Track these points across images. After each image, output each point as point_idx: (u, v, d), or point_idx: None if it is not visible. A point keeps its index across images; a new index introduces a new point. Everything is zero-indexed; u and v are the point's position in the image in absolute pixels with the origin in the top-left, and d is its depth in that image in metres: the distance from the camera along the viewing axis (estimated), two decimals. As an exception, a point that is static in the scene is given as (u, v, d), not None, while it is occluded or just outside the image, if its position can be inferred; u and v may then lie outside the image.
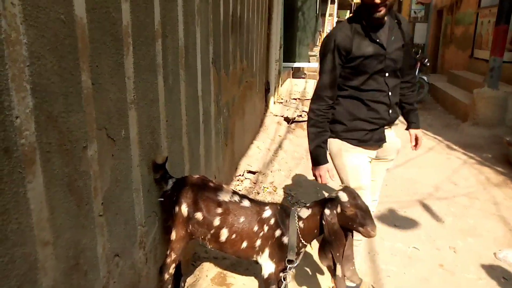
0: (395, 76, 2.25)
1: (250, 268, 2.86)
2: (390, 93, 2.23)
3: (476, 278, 3.05)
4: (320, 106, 2.25)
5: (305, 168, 5.00)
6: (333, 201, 1.94)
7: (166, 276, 2.25)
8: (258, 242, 2.13)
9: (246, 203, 2.19)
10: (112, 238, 1.78)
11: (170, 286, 2.28)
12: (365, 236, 1.88)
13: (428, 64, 10.44)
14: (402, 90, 2.44)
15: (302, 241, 2.08)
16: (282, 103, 7.34)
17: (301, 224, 2.07)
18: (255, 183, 4.40)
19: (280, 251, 2.10)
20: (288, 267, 2.08)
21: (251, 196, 2.36)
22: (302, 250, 2.15)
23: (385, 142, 2.32)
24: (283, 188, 4.50)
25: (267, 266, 2.16)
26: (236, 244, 2.15)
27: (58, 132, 1.37)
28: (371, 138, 2.27)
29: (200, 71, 2.91)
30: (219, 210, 2.15)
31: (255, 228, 2.13)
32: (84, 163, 1.53)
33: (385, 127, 2.33)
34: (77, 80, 1.46)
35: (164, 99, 2.26)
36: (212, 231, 2.16)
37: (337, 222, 1.95)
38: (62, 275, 1.42)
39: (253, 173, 4.52)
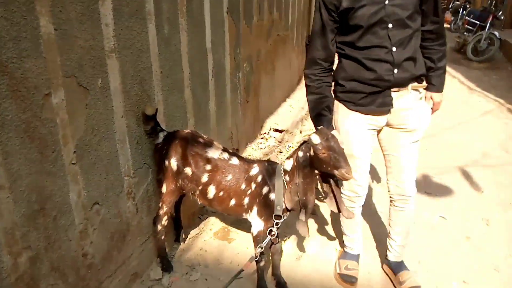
0: (403, 27, 1.82)
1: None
2: (394, 49, 1.83)
3: (506, 255, 2.75)
4: (314, 71, 1.97)
5: (338, 128, 4.76)
6: (306, 143, 1.81)
7: (159, 227, 2.29)
8: (246, 200, 2.06)
9: (234, 160, 2.11)
10: (90, 186, 1.80)
11: (163, 236, 2.32)
12: (341, 179, 1.75)
13: (502, 17, 9.23)
14: (425, 42, 1.99)
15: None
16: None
17: (287, 177, 1.96)
18: (280, 142, 4.29)
19: (268, 209, 2.02)
20: (275, 222, 2.00)
21: (239, 155, 2.26)
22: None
23: (391, 107, 1.95)
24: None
25: (256, 223, 2.10)
26: (224, 202, 2.11)
27: (9, 78, 1.36)
28: (371, 103, 1.96)
29: (209, 21, 2.77)
30: (208, 167, 2.09)
31: (243, 186, 2.06)
32: (47, 110, 1.52)
33: (394, 89, 1.94)
34: (32, 25, 1.42)
35: (157, 49, 2.19)
36: (200, 187, 2.12)
37: (308, 164, 1.81)
38: (22, 218, 1.47)
39: (280, 131, 4.39)
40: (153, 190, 2.30)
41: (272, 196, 2.00)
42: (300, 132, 4.61)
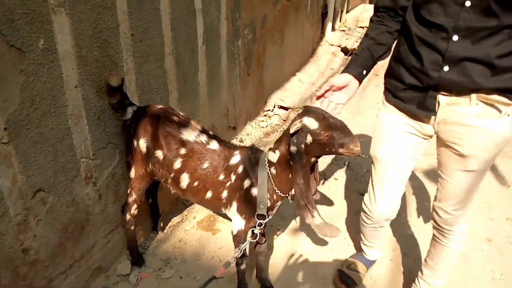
0: (486, 13, 1.26)
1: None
2: (455, 37, 1.31)
3: (533, 263, 2.37)
4: (377, 14, 1.61)
5: (353, 109, 4.34)
6: (299, 133, 1.44)
7: (128, 216, 1.98)
8: (225, 194, 1.72)
9: (213, 145, 1.76)
10: (30, 170, 1.49)
11: (132, 227, 2.02)
12: (350, 155, 1.44)
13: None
14: None
15: (277, 191, 1.63)
16: (344, 31, 6.41)
17: (272, 170, 1.60)
18: (284, 121, 3.90)
19: (250, 205, 1.68)
20: (257, 222, 1.67)
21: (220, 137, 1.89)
22: (279, 203, 1.71)
23: (434, 115, 1.48)
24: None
25: (236, 221, 1.77)
26: (199, 193, 1.78)
27: None
28: (410, 100, 1.52)
29: (199, -23, 2.36)
30: (182, 151, 1.75)
31: (221, 177, 1.71)
32: (-42, 75, 1.19)
33: (443, 92, 1.43)
34: None
35: (126, 7, 1.81)
36: (172, 175, 1.79)
37: (305, 155, 1.46)
38: None
39: (285, 109, 4.00)
40: (121, 174, 1.98)
41: (254, 191, 1.65)
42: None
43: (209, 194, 1.75)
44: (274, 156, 1.59)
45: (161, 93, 2.20)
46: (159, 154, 1.78)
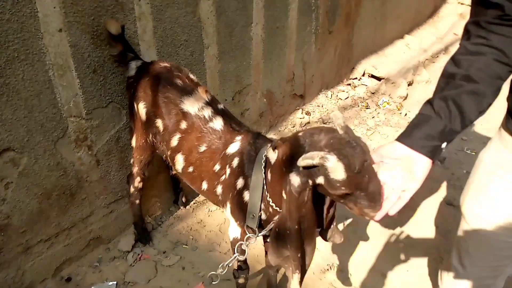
0: None
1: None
2: None
3: None
4: (473, 29, 0.89)
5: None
6: (313, 168, 0.90)
7: (131, 189, 1.71)
8: (219, 189, 1.31)
9: (217, 123, 1.33)
10: (-7, 126, 1.27)
11: (137, 200, 1.75)
12: (358, 216, 0.99)
13: None
14: None
15: (271, 203, 1.15)
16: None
17: (269, 173, 1.12)
18: (373, 94, 3.20)
19: (243, 212, 1.24)
20: (245, 237, 1.23)
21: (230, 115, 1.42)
22: (276, 218, 1.22)
23: None
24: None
25: (232, 226, 1.35)
26: (195, 182, 1.39)
27: None
28: None
29: None
30: (183, 125, 1.36)
31: (217, 167, 1.29)
32: None
33: None
34: None
35: None
36: (169, 153, 1.43)
37: (310, 200, 0.96)
38: None
39: (378, 79, 3.28)
40: (129, 139, 1.69)
41: (247, 196, 1.20)
42: (409, 85, 3.40)
43: (204, 186, 1.35)
44: (273, 156, 1.09)
45: (192, 47, 1.80)
46: (159, 124, 1.42)
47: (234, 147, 1.25)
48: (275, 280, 1.59)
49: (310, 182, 0.92)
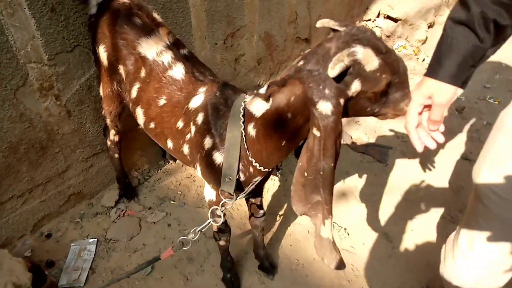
0: None
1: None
2: None
3: None
4: None
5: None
6: (343, 77, 0.78)
7: (108, 142, 1.59)
8: (186, 149, 1.15)
9: (178, 71, 1.14)
10: None
11: (116, 154, 1.62)
12: (392, 118, 0.91)
13: None
14: None
15: (255, 163, 1.00)
16: None
17: (251, 129, 0.95)
18: (388, 37, 2.91)
19: (215, 174, 1.09)
20: (221, 202, 1.09)
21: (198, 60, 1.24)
22: (257, 178, 1.07)
23: None
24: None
25: (206, 188, 1.21)
26: (160, 139, 1.24)
27: None
28: None
29: None
30: (142, 73, 1.19)
31: (180, 124, 1.13)
32: None
33: None
34: None
35: None
36: (130, 106, 1.28)
37: (341, 129, 0.82)
38: None
39: (394, 20, 2.96)
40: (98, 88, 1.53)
41: (218, 157, 1.04)
42: (429, 27, 3.06)
43: (170, 144, 1.20)
44: (260, 107, 0.92)
45: (171, -19, 1.58)
46: (122, 71, 1.25)
47: (197, 101, 1.07)
48: (261, 240, 1.48)
49: (342, 100, 0.79)
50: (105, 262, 1.53)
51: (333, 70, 0.75)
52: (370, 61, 0.76)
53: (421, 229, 1.70)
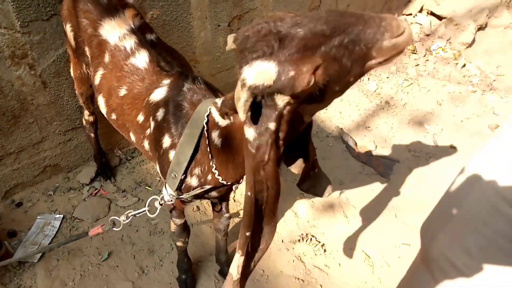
0: None
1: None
2: None
3: None
4: None
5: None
6: (260, 101, 0.60)
7: (83, 121, 1.53)
8: (146, 144, 1.05)
9: (141, 59, 1.04)
10: None
11: (92, 134, 1.57)
12: (391, 60, 0.55)
13: None
14: None
15: (216, 173, 0.90)
16: None
17: (216, 136, 0.85)
18: (427, 35, 2.61)
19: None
20: (161, 196, 0.99)
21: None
22: (208, 187, 0.95)
23: None
24: (482, 66, 2.53)
25: (165, 187, 1.11)
26: (123, 131, 1.16)
27: None
28: None
29: None
30: (106, 58, 1.09)
31: (140, 118, 1.03)
32: None
33: None
34: None
35: None
36: (95, 92, 1.19)
37: (272, 160, 0.64)
38: None
39: (439, 18, 2.64)
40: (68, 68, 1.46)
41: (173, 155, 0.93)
42: (479, 29, 2.71)
43: (132, 137, 1.11)
44: (222, 119, 0.80)
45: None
46: (88, 53, 1.17)
47: (159, 94, 0.97)
48: (224, 244, 1.37)
49: (272, 125, 0.61)
50: (65, 241, 1.49)
51: (243, 115, 0.60)
52: (265, 77, 0.55)
53: (411, 258, 1.51)
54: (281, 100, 0.59)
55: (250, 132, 0.63)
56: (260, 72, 0.55)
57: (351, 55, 0.53)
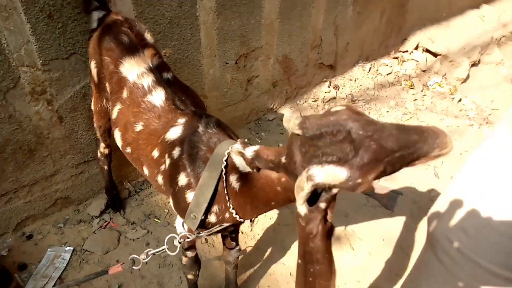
0: None
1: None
2: None
3: None
4: None
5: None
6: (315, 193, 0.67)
7: (98, 153, 1.57)
8: (160, 179, 1.09)
9: (157, 97, 1.09)
10: None
11: (105, 166, 1.60)
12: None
13: None
14: None
15: (233, 212, 0.94)
16: None
17: (234, 181, 0.90)
18: (423, 71, 2.72)
19: (185, 211, 1.02)
20: (180, 234, 1.03)
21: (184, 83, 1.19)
22: (226, 225, 0.99)
23: None
24: (477, 100, 2.63)
25: (178, 220, 1.15)
26: (137, 164, 1.20)
27: None
28: None
29: None
30: (124, 93, 1.15)
31: (155, 154, 1.08)
32: None
33: None
34: None
35: None
36: (112, 127, 1.25)
37: (322, 235, 0.69)
38: None
39: (434, 55, 2.76)
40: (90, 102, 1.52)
41: (191, 197, 0.97)
42: (473, 65, 2.83)
43: (146, 171, 1.15)
44: (244, 165, 0.85)
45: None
46: (108, 88, 1.23)
47: (174, 132, 1.02)
48: (234, 277, 1.39)
49: (323, 204, 0.67)
50: (75, 273, 1.50)
51: (301, 206, 0.66)
52: (334, 179, 0.62)
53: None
54: (337, 190, 0.66)
55: (302, 209, 0.68)
56: (331, 175, 0.62)
57: (405, 161, 0.63)
